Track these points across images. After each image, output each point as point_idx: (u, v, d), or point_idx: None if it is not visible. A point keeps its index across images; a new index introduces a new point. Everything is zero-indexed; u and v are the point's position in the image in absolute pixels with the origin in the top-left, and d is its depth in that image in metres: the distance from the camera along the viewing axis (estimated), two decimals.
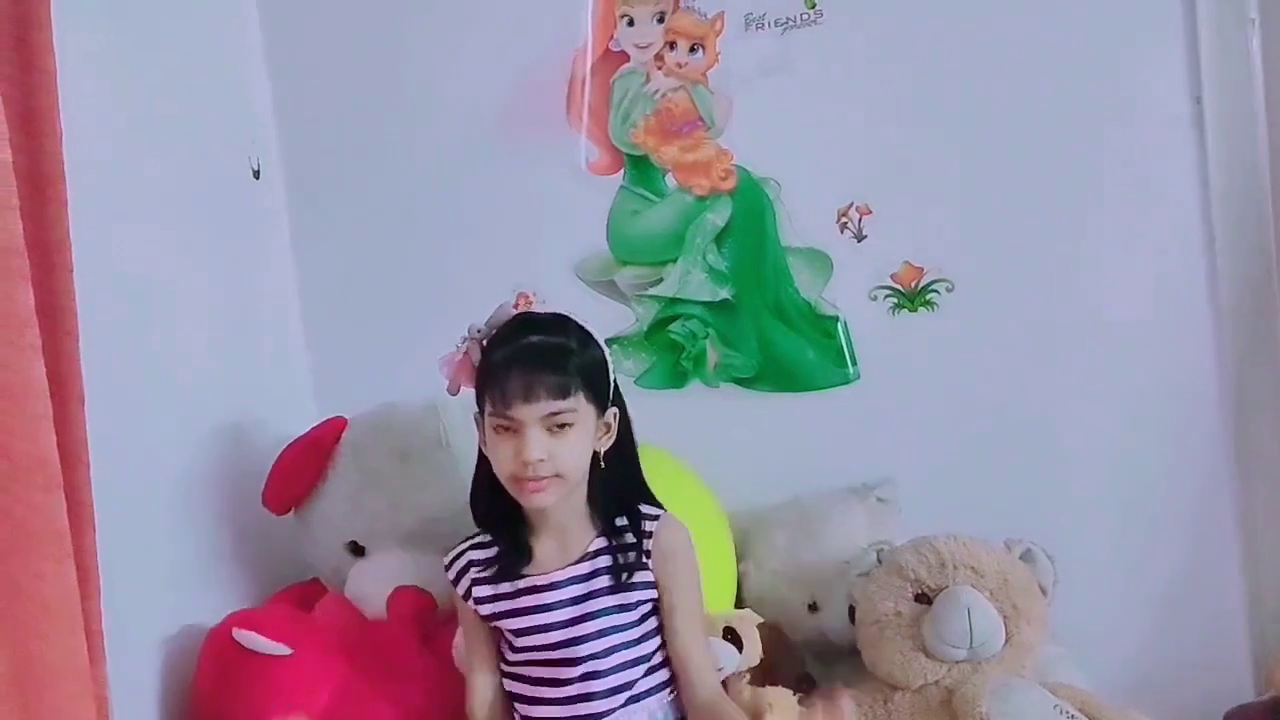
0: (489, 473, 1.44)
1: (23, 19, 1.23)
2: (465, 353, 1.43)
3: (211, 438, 1.79)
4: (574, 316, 1.46)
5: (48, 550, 1.15)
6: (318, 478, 1.76)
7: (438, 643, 1.61)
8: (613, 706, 1.43)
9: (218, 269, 1.88)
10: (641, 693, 1.45)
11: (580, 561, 1.45)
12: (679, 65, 1.99)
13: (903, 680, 1.64)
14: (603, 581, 1.44)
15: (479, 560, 1.48)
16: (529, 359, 1.38)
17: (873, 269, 1.97)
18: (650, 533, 1.45)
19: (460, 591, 1.48)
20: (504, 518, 1.47)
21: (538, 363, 1.37)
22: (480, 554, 1.49)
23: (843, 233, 1.97)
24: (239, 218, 1.99)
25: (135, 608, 1.50)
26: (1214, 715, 1.72)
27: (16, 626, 1.14)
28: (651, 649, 1.46)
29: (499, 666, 1.50)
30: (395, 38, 2.06)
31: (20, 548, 1.13)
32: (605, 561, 1.45)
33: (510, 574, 1.45)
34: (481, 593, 1.47)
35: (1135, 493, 1.92)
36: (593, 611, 1.43)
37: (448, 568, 1.50)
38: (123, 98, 1.64)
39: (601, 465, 1.44)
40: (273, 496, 1.76)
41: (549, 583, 1.44)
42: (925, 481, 1.92)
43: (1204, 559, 1.92)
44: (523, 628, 1.45)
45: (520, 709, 1.48)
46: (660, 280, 2.03)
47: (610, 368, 1.45)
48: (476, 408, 1.44)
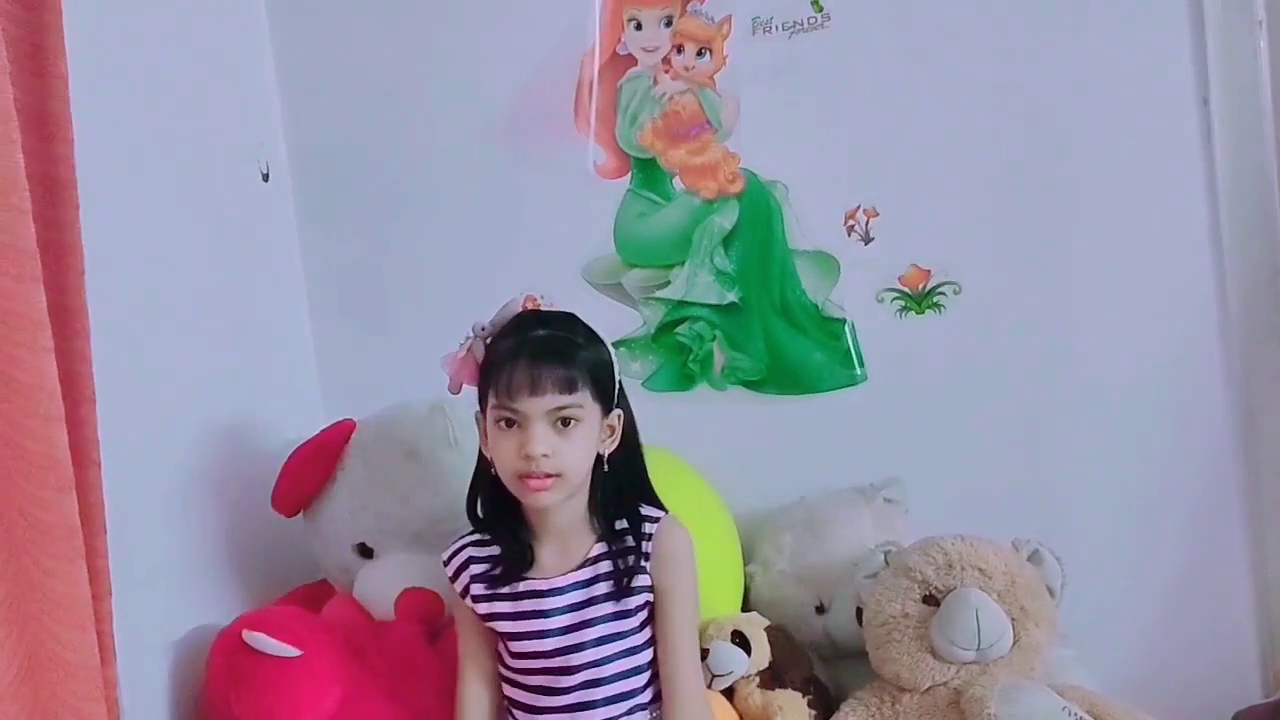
0: (489, 475, 1.43)
1: (35, 24, 1.24)
2: (468, 350, 1.40)
3: (220, 439, 1.79)
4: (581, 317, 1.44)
5: (60, 549, 1.15)
6: (326, 480, 1.76)
7: (446, 643, 1.61)
8: (612, 715, 1.41)
9: (227, 271, 1.89)
10: (642, 702, 1.43)
11: (582, 567, 1.42)
12: (686, 69, 1.99)
13: (910, 682, 1.63)
14: (603, 588, 1.41)
15: (479, 558, 1.45)
16: (536, 351, 1.35)
17: (880, 271, 1.97)
18: (650, 534, 1.42)
19: (458, 588, 1.46)
20: (504, 520, 1.44)
21: (545, 355, 1.34)
22: (480, 551, 1.46)
23: (850, 235, 1.97)
24: (248, 220, 2.00)
25: (145, 608, 1.51)
26: (1222, 716, 1.72)
27: (28, 625, 1.14)
28: (651, 656, 1.44)
29: (496, 675, 1.47)
30: (404, 41, 2.07)
31: (33, 546, 1.14)
32: (606, 567, 1.42)
33: (511, 577, 1.43)
34: (480, 591, 1.44)
35: (1142, 494, 1.92)
36: (592, 619, 1.41)
37: (446, 563, 1.47)
38: (133, 102, 1.65)
39: (604, 469, 1.42)
40: (281, 499, 1.76)
41: (550, 588, 1.42)
42: (932, 483, 1.92)
43: (1212, 560, 1.91)
44: (519, 632, 1.42)
45: (519, 716, 1.45)
46: (667, 283, 2.03)
47: (616, 369, 1.43)
48: (478, 406, 1.42)
